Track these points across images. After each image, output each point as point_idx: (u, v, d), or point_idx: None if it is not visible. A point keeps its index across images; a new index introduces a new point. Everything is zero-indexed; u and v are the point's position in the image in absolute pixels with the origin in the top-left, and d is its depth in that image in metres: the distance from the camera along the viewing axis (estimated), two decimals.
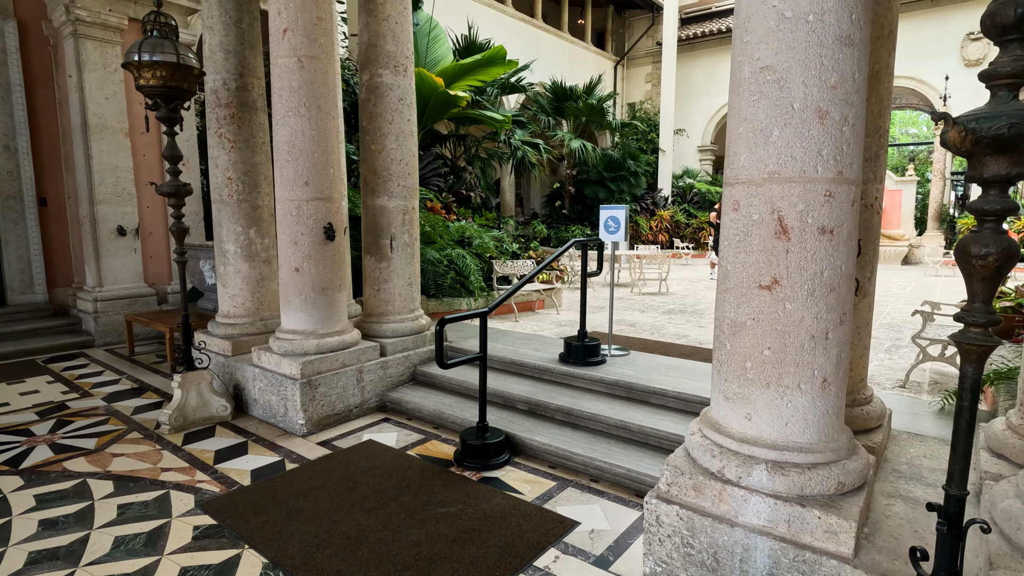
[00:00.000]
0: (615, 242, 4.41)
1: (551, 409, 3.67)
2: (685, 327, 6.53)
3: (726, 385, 2.07)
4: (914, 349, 5.37)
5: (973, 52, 15.93)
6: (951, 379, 4.37)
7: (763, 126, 1.89)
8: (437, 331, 3.03)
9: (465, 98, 9.65)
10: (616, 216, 4.30)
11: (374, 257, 4.44)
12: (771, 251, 1.91)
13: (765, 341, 1.95)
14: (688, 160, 20.76)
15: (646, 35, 21.50)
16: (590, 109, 16.27)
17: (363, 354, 4.11)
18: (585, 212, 17.53)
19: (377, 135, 4.31)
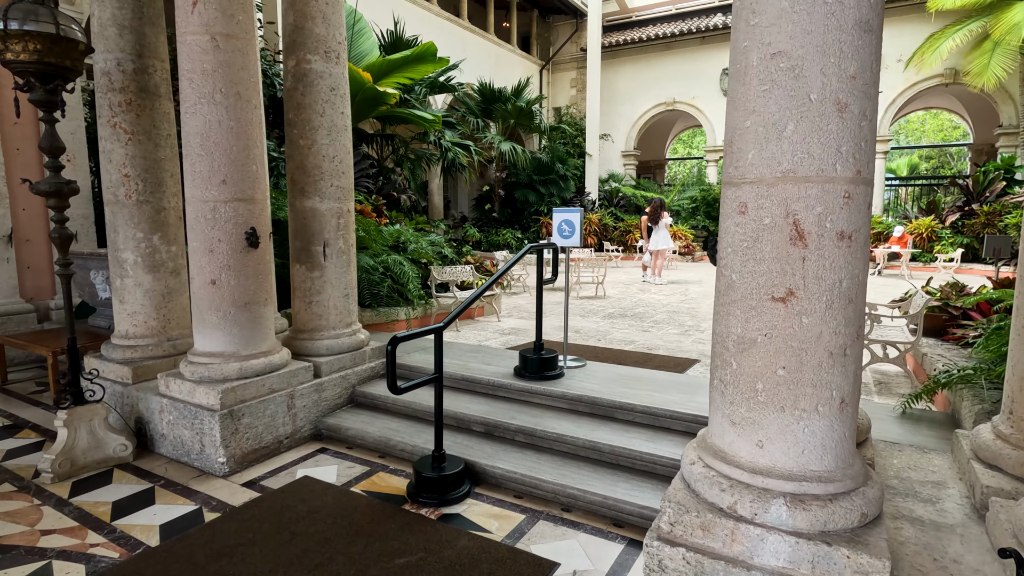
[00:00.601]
0: (570, 247, 4.18)
1: (511, 430, 3.36)
2: (629, 332, 6.44)
3: (732, 409, 1.85)
4: None
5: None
6: (893, 379, 4.50)
7: (776, 119, 1.69)
8: (389, 351, 2.64)
9: (395, 95, 9.17)
10: (570, 219, 4.07)
11: (304, 266, 3.95)
12: (785, 259, 1.71)
13: (779, 359, 1.74)
14: (613, 164, 21.17)
15: (570, 41, 21.75)
16: (519, 112, 16.15)
17: (294, 376, 3.61)
18: (515, 215, 17.41)
19: (306, 128, 3.83)
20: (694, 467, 1.96)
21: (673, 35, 19.65)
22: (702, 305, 8.48)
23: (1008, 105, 15.85)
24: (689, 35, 19.48)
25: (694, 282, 11.47)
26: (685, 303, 8.70)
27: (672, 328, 6.69)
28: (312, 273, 3.93)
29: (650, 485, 2.80)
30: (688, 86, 19.87)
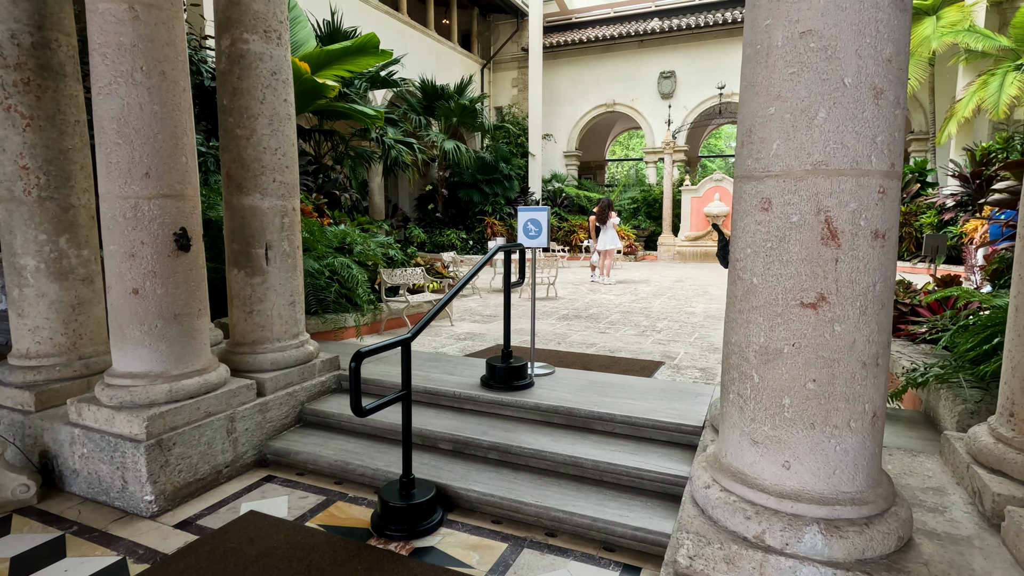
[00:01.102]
0: (537, 248, 3.95)
1: (483, 447, 3.09)
2: (588, 334, 6.30)
3: (754, 427, 1.68)
4: None
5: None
6: None
7: (805, 105, 1.52)
8: (353, 369, 2.31)
9: (334, 88, 8.66)
10: (537, 219, 3.84)
11: (243, 271, 3.52)
12: (816, 260, 1.55)
13: (809, 371, 1.58)
14: (555, 165, 21.23)
15: (511, 40, 21.64)
16: (462, 110, 15.84)
17: (234, 396, 3.19)
18: (459, 215, 17.09)
19: (244, 116, 3.41)
20: (710, 491, 1.77)
21: (612, 38, 19.92)
22: (653, 305, 8.50)
23: (919, 113, 17.05)
24: (628, 38, 19.80)
25: (641, 281, 11.57)
26: (637, 303, 8.69)
27: (629, 329, 6.62)
28: (253, 279, 3.51)
29: (639, 503, 2.62)
30: (627, 88, 20.21)
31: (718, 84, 17.74)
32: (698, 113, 19.46)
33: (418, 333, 2.65)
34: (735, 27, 18.39)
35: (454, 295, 2.98)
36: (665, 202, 18.10)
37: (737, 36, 18.50)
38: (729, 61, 18.49)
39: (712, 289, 10.27)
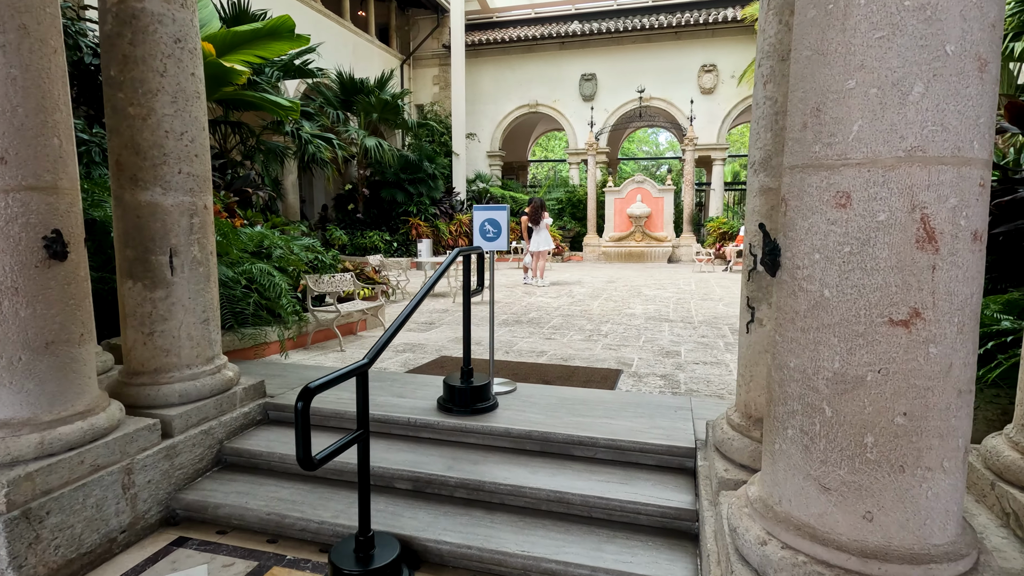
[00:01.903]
0: (496, 251, 3.55)
1: (449, 485, 2.65)
2: (534, 340, 5.98)
3: (825, 470, 1.38)
4: None
5: (707, 82, 18.88)
6: None
7: (898, 78, 1.24)
8: (300, 409, 1.80)
9: (244, 74, 7.80)
10: (495, 219, 3.45)
11: (141, 283, 2.85)
12: (909, 268, 1.27)
13: (898, 403, 1.30)
14: (479, 165, 20.87)
15: (432, 37, 21.05)
16: (383, 105, 15.10)
17: (131, 442, 2.54)
18: (382, 216, 16.29)
19: (139, 92, 2.75)
20: (767, 549, 1.46)
21: (534, 38, 19.85)
22: (592, 307, 8.34)
23: None
24: (549, 39, 19.81)
25: (574, 283, 11.45)
26: (575, 306, 8.50)
27: (575, 334, 6.37)
28: (154, 292, 2.85)
29: (639, 544, 2.29)
30: (550, 90, 20.22)
31: (638, 88, 18.12)
32: (619, 116, 19.81)
33: (376, 357, 2.17)
34: (652, 33, 18.90)
35: (414, 308, 2.51)
36: (589, 203, 18.25)
37: (655, 42, 19.04)
38: (648, 66, 18.96)
39: (644, 290, 10.32)
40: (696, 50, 18.86)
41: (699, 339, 6.03)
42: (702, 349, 5.53)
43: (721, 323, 7.01)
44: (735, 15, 17.77)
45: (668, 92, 19.04)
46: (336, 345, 5.61)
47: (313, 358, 5.13)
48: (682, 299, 9.12)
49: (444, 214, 16.84)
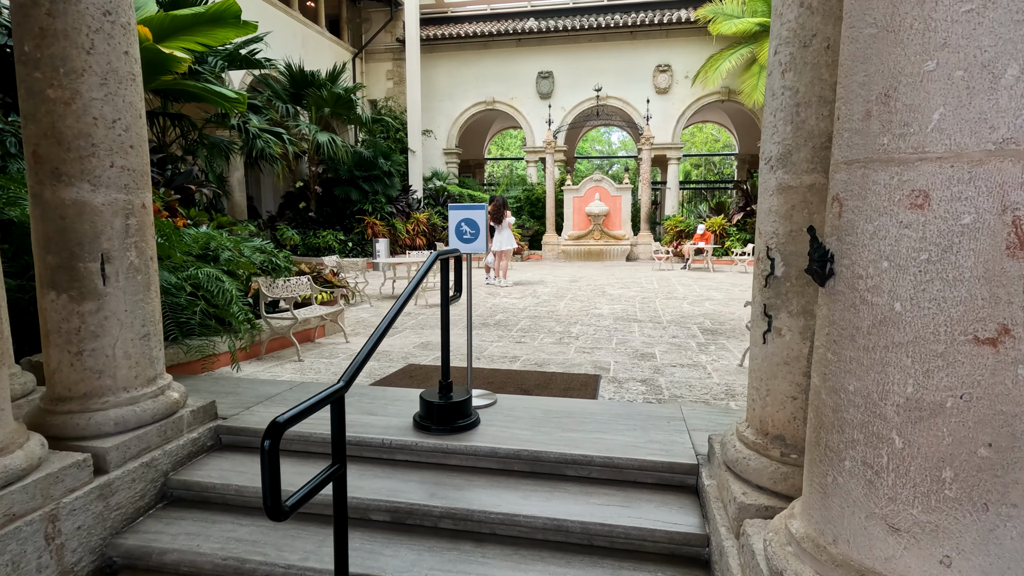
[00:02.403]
0: (473, 253, 3.30)
1: (434, 516, 2.39)
2: (504, 345, 5.74)
3: (894, 508, 1.21)
4: (731, 346, 5.55)
5: (661, 82, 19.09)
6: None
7: (989, 57, 1.06)
8: (267, 450, 1.50)
9: (185, 62, 7.22)
10: (473, 219, 3.19)
11: (67, 295, 2.45)
12: (998, 278, 1.10)
13: (982, 432, 1.13)
14: (436, 162, 20.47)
15: (385, 30, 20.49)
16: (336, 99, 14.52)
17: (56, 482, 2.16)
18: (336, 215, 15.70)
19: (61, 72, 2.35)
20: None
21: (490, 34, 19.60)
22: (559, 308, 8.18)
23: None
24: (505, 36, 19.60)
25: (537, 282, 11.28)
26: (541, 307, 8.31)
27: (545, 337, 6.17)
28: (82, 305, 2.46)
29: (648, 574, 2.09)
30: (507, 87, 20.02)
31: (595, 86, 18.13)
32: (576, 114, 19.81)
33: (353, 379, 1.89)
34: (608, 32, 18.96)
35: (392, 320, 2.23)
36: (548, 201, 18.16)
37: (611, 41, 19.11)
38: (604, 65, 19.01)
39: (609, 289, 10.25)
40: (651, 50, 19.04)
41: (671, 340, 5.94)
42: (676, 351, 5.43)
43: (689, 323, 6.96)
44: (689, 16, 18.02)
45: (624, 91, 19.17)
46: (293, 354, 5.21)
47: (268, 370, 4.73)
48: (647, 298, 9.08)
49: (401, 212, 16.38)
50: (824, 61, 1.77)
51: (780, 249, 1.92)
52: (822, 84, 1.78)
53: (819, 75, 1.78)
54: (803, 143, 1.83)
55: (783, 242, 1.91)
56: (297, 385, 3.70)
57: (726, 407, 3.70)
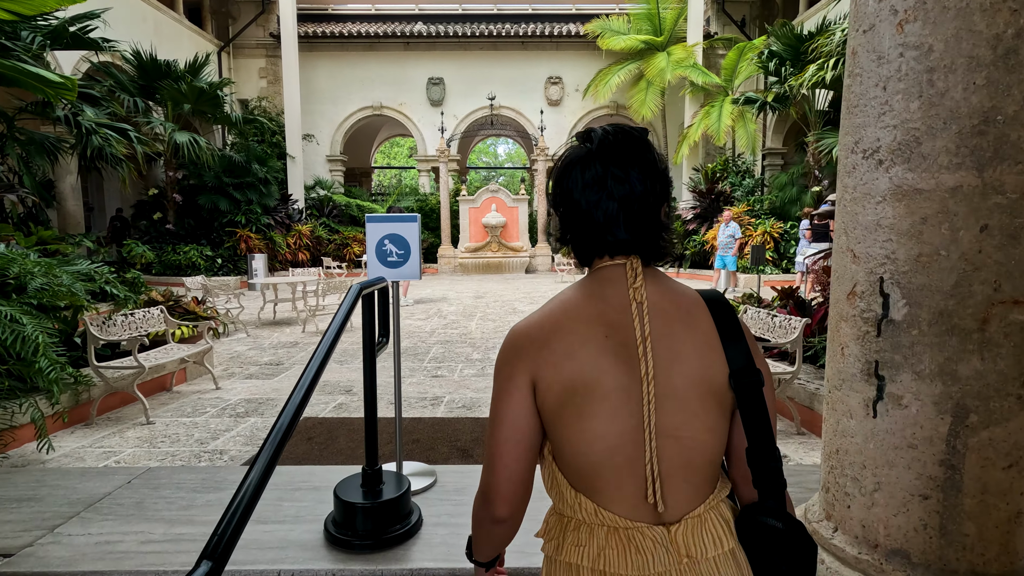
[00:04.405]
0: (400, 280, 2.44)
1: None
2: (419, 380, 4.85)
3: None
4: None
5: (553, 94, 19.11)
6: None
7: None
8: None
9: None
10: (400, 235, 2.34)
11: None
12: None
13: None
14: (318, 170, 18.85)
15: (256, 24, 18.56)
16: (198, 94, 12.65)
17: None
18: (201, 227, 13.68)
19: None
20: None
21: (376, 35, 18.47)
22: (471, 329, 7.40)
23: (653, 136, 19.38)
24: (393, 38, 18.59)
25: (440, 300, 10.42)
26: (451, 328, 7.49)
27: (464, 367, 5.37)
28: None
29: None
30: (395, 92, 18.98)
31: (489, 95, 17.67)
32: (469, 122, 19.24)
33: (229, 551, 0.98)
34: (500, 41, 18.65)
35: (300, 408, 1.32)
36: (443, 212, 17.34)
37: (503, 50, 18.81)
38: (496, 73, 18.65)
39: (518, 305, 9.65)
40: (543, 62, 19.01)
41: None
42: None
43: None
44: (578, 30, 18.22)
45: (517, 102, 18.92)
46: (139, 413, 3.92)
47: (100, 442, 3.46)
48: None
49: (280, 224, 14.67)
50: (977, 3, 1.19)
51: (901, 281, 1.32)
52: (974, 39, 1.20)
53: (969, 24, 1.20)
54: (941, 127, 1.24)
55: (906, 271, 1.31)
56: (140, 473, 2.57)
57: None
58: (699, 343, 0.81)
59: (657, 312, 0.81)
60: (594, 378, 0.78)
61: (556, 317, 0.83)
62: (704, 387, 0.80)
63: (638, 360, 0.78)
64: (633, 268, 0.83)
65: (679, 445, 0.79)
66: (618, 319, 0.81)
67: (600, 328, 0.80)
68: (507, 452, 0.82)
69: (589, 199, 0.82)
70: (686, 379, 0.79)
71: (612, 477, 0.80)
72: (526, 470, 0.83)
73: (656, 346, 0.79)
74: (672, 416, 0.79)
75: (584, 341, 0.80)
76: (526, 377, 0.82)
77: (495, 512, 0.84)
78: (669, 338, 0.80)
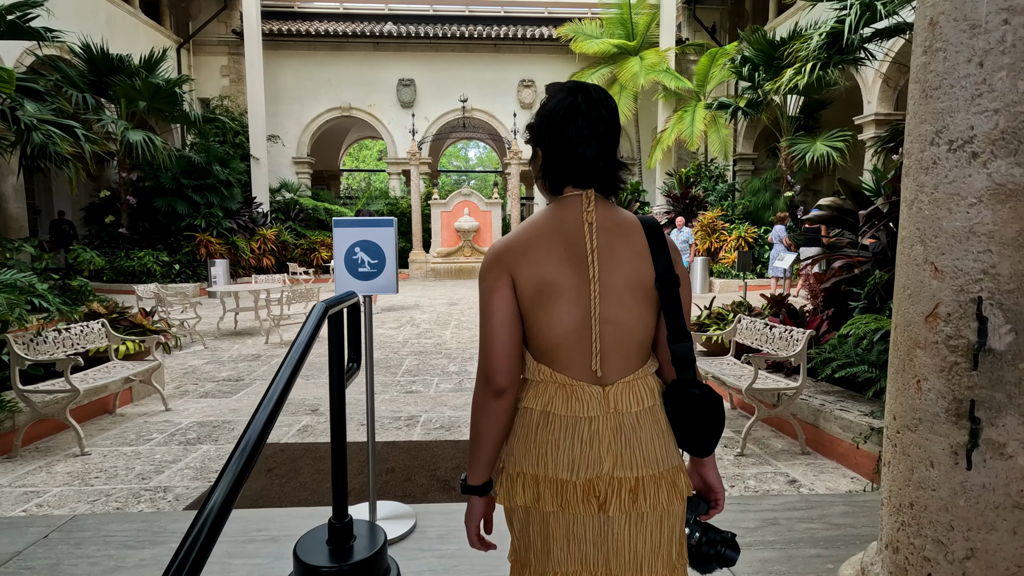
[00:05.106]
0: (374, 294, 2.11)
1: None
2: (392, 397, 4.50)
3: None
4: None
5: (526, 97, 18.91)
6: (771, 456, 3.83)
7: None
8: None
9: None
10: (374, 241, 2.01)
11: None
12: None
13: None
14: (284, 172, 18.22)
15: (218, 20, 17.85)
16: (154, 91, 11.98)
17: None
18: (157, 231, 12.97)
19: None
20: None
21: (345, 35, 17.97)
22: (445, 338, 7.06)
23: (626, 141, 19.46)
24: (362, 38, 18.11)
25: (412, 307, 10.03)
26: (424, 338, 7.13)
27: (441, 380, 5.03)
28: None
29: None
30: (365, 93, 18.49)
31: (461, 97, 17.34)
32: (440, 125, 18.89)
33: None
34: (472, 43, 18.37)
35: (268, 424, 1.00)
36: (414, 216, 16.90)
37: (475, 52, 18.54)
38: (468, 75, 18.34)
39: None
40: (515, 64, 18.79)
41: None
42: None
43: None
44: (551, 33, 18.06)
45: (489, 104, 18.65)
46: (72, 442, 3.46)
47: (21, 481, 3.00)
48: None
49: (244, 228, 14.04)
50: None
51: (1004, 303, 1.06)
52: None
53: None
54: None
55: (1011, 290, 1.06)
56: (61, 524, 2.17)
57: None
58: (634, 254, 1.04)
59: (603, 230, 1.04)
60: (557, 280, 1.02)
61: (529, 234, 1.06)
62: (636, 287, 1.04)
63: (588, 266, 1.02)
64: (588, 197, 1.05)
65: (617, 329, 1.03)
66: (574, 235, 1.04)
67: (561, 242, 1.04)
68: (500, 333, 1.03)
69: (579, 141, 1.03)
70: (623, 281, 1.03)
71: (566, 351, 1.04)
72: (516, 346, 1.05)
73: (601, 256, 1.02)
74: (612, 308, 1.02)
75: (550, 252, 1.03)
76: (508, 278, 1.04)
77: (496, 383, 1.03)
78: (611, 250, 1.03)
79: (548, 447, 1.04)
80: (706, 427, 1.06)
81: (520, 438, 1.07)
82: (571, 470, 1.02)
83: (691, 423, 1.06)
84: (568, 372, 1.04)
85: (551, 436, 1.04)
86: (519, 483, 1.06)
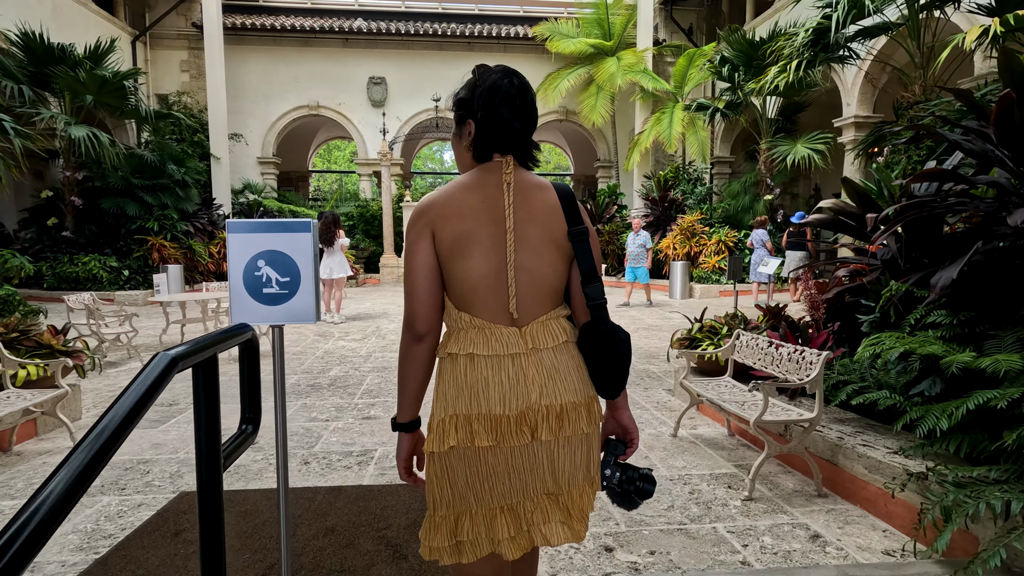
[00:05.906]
0: (285, 324, 1.57)
1: None
2: (346, 425, 3.94)
3: None
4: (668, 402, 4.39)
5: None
6: (782, 497, 3.37)
7: None
8: None
9: None
10: (285, 252, 1.48)
11: None
12: None
13: None
14: (248, 172, 17.41)
15: (177, 12, 16.96)
16: (101, 84, 11.17)
17: None
18: (105, 234, 12.10)
19: None
20: None
21: (312, 30, 17.27)
22: None
23: (603, 143, 19.14)
24: (331, 34, 17.43)
25: (380, 315, 9.43)
26: (390, 350, 6.56)
27: None
28: None
29: None
30: (334, 91, 17.80)
31: (433, 96, 16.78)
32: (413, 125, 18.30)
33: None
34: (445, 41, 17.84)
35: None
36: (386, 219, 16.25)
37: (448, 51, 18.01)
38: (442, 74, 17.77)
39: None
40: (490, 63, 18.23)
41: None
42: None
43: None
44: (526, 32, 17.65)
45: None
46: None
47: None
48: None
49: (202, 231, 13.23)
50: None
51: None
52: None
53: None
54: None
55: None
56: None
57: None
58: (547, 210, 1.20)
59: (519, 190, 1.19)
60: (474, 230, 1.15)
61: (451, 192, 1.19)
62: (548, 238, 1.19)
63: (505, 219, 1.16)
64: (508, 162, 1.20)
65: (530, 276, 1.18)
66: (494, 193, 1.18)
67: (480, 198, 1.18)
68: (421, 283, 1.16)
69: (513, 117, 1.21)
70: (536, 233, 1.18)
71: (483, 297, 1.16)
72: (436, 296, 1.18)
73: (516, 211, 1.17)
74: (525, 256, 1.17)
75: (470, 207, 1.17)
76: (428, 233, 1.17)
77: (416, 328, 1.16)
78: (527, 206, 1.19)
79: (479, 386, 1.14)
80: (614, 364, 1.19)
81: (450, 382, 1.16)
82: (503, 404, 1.13)
83: (600, 360, 1.20)
84: (485, 316, 1.16)
85: (479, 375, 1.14)
86: (452, 425, 1.13)
